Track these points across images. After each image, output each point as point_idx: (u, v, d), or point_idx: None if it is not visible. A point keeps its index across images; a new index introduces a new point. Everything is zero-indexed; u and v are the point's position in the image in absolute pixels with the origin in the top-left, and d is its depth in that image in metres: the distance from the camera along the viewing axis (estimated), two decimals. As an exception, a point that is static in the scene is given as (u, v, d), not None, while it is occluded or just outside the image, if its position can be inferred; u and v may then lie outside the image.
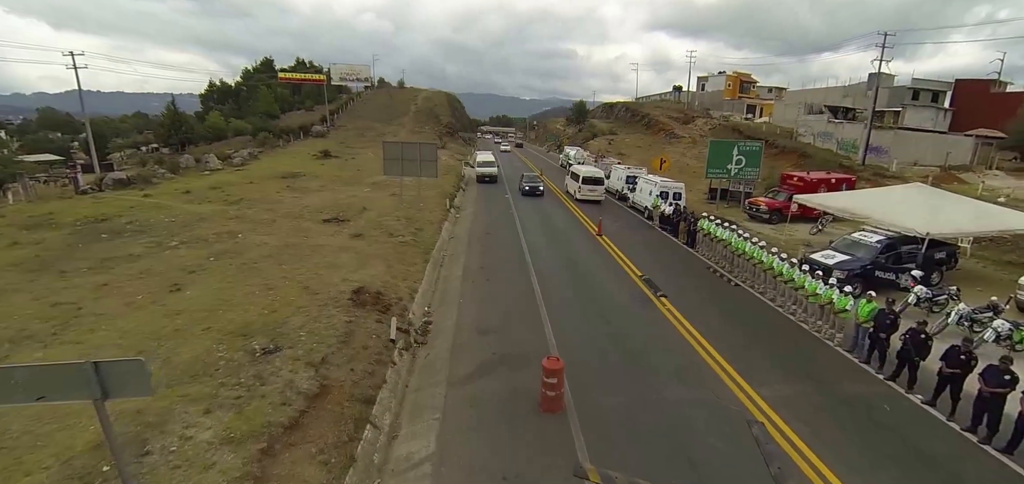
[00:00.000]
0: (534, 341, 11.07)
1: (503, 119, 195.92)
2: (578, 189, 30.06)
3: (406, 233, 18.94)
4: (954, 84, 51.07)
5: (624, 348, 10.99)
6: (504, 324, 11.94)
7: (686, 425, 8.33)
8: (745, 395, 9.31)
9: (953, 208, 16.17)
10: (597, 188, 29.86)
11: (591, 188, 29.69)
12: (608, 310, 13.15)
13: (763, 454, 7.78)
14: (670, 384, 9.55)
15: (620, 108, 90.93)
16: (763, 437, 8.21)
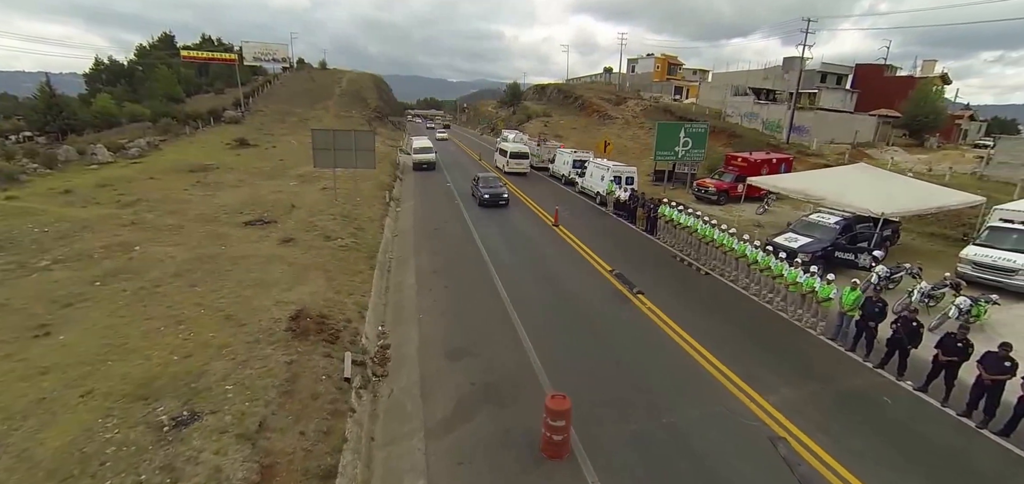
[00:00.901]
0: (515, 362, 9.57)
1: (431, 102, 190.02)
2: (507, 163, 33.72)
3: (345, 234, 16.52)
4: (855, 68, 55.64)
5: (616, 360, 9.77)
6: (475, 342, 10.30)
7: (708, 450, 7.28)
8: (755, 404, 8.45)
9: (894, 187, 16.70)
10: (523, 162, 33.95)
11: (517, 162, 33.65)
12: (588, 314, 11.92)
13: (798, 478, 6.94)
14: (677, 401, 8.47)
15: (552, 90, 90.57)
16: (792, 457, 7.37)
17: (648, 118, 63.06)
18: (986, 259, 13.87)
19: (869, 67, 54.43)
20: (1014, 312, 12.31)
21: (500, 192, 23.15)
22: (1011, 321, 11.85)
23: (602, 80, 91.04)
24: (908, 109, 42.48)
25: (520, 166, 33.43)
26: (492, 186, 23.68)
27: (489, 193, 22.99)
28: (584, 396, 8.32)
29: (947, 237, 18.33)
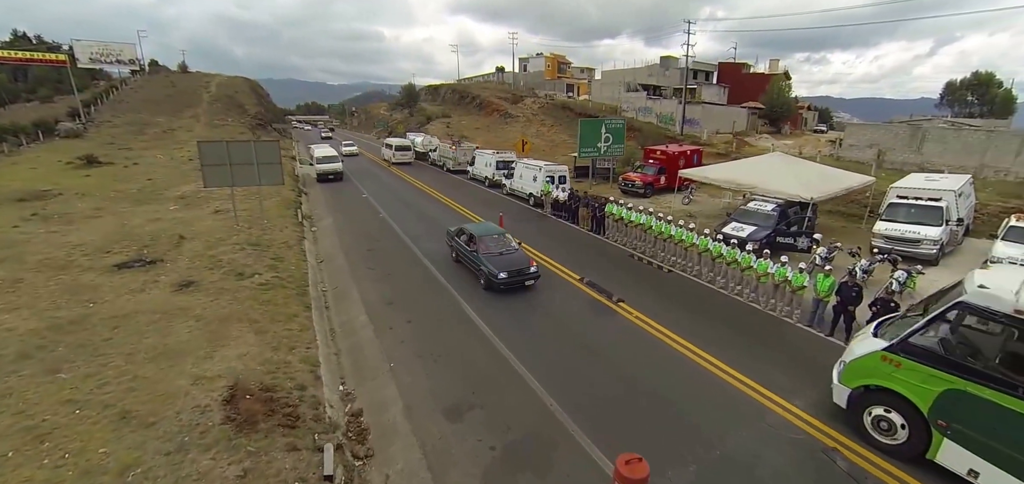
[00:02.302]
0: (530, 408, 7.92)
1: (313, 106, 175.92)
2: (393, 155, 39.18)
3: (261, 268, 13.30)
4: (718, 66, 62.06)
5: (632, 384, 8.60)
6: (472, 389, 8.42)
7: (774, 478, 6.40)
8: (787, 411, 7.86)
9: (808, 173, 17.99)
10: (406, 153, 39.66)
11: (402, 154, 39.38)
12: (579, 332, 10.59)
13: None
14: (717, 424, 7.53)
15: (446, 90, 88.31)
16: (854, 470, 6.81)
17: (548, 115, 64.38)
18: (896, 232, 15.30)
19: (730, 65, 61.07)
20: (929, 278, 13.59)
21: (524, 265, 12.58)
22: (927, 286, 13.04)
23: (495, 79, 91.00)
24: (767, 101, 48.21)
25: (404, 157, 39.27)
26: (508, 253, 13.01)
27: (507, 270, 12.22)
28: (614, 430, 7.00)
29: (846, 214, 20.37)
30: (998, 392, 5.91)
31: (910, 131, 31.01)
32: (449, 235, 15.20)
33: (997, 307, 6.18)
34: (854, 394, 7.42)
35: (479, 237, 13.49)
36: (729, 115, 44.14)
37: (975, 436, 6.16)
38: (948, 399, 6.35)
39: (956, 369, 6.30)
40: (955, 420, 6.32)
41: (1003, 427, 5.88)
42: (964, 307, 6.51)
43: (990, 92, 46.19)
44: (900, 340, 6.92)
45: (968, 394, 6.16)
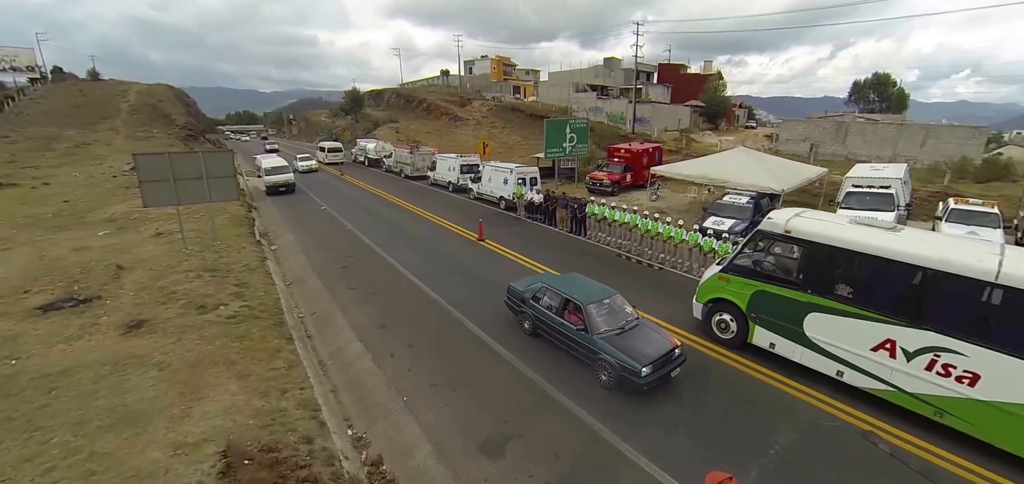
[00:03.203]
0: (573, 430, 7.11)
1: (245, 115, 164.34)
2: (325, 157, 41.62)
3: (225, 297, 11.50)
4: (658, 67, 64.25)
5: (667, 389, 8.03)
6: (502, 418, 7.45)
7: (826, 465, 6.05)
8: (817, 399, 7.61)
9: (772, 166, 18.54)
10: (337, 154, 42.47)
11: (333, 154, 42.18)
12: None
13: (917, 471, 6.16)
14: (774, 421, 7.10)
15: (390, 95, 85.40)
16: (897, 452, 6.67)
17: (498, 117, 63.68)
18: (856, 219, 15.99)
19: (668, 66, 63.42)
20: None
21: (668, 347, 8.28)
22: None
23: (440, 83, 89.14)
24: (706, 100, 50.43)
25: (336, 157, 42.08)
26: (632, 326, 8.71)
27: (650, 361, 7.80)
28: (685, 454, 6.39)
29: (803, 204, 21.21)
30: (780, 287, 8.73)
31: (836, 126, 33.41)
32: (515, 296, 10.23)
33: (776, 230, 8.85)
34: (705, 308, 10.05)
35: (587, 306, 8.56)
36: (675, 113, 45.67)
37: (770, 319, 8.87)
38: (756, 298, 9.07)
39: (759, 277, 9.13)
40: (760, 311, 9.03)
41: (783, 310, 8.64)
42: (759, 233, 9.26)
43: (888, 90, 51.09)
44: (728, 263, 9.76)
45: (766, 292, 8.91)
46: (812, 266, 8.40)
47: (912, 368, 7.19)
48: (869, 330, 7.59)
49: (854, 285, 7.93)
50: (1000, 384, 6.42)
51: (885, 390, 7.52)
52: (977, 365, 6.61)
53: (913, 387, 7.23)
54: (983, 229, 14.29)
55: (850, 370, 7.89)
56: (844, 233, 8.15)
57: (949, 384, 6.86)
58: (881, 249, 7.55)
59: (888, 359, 7.43)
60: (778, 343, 8.78)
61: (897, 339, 7.30)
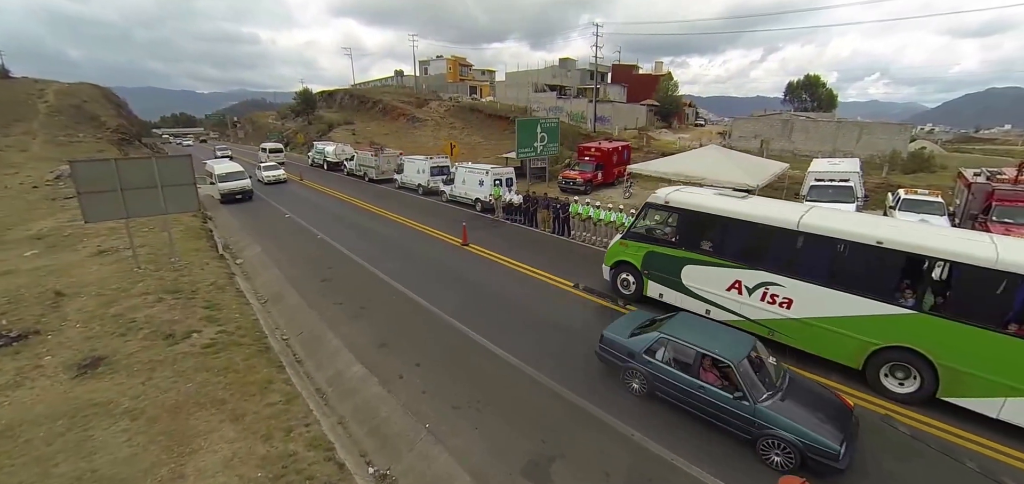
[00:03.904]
0: (615, 444, 6.62)
1: (182, 117, 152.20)
2: (267, 157, 40.60)
3: (195, 322, 10.08)
4: (612, 67, 65.39)
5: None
6: (539, 437, 6.82)
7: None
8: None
9: (743, 163, 18.97)
10: (278, 154, 43.79)
11: (275, 155, 42.67)
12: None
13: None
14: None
15: (342, 96, 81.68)
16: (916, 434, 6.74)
17: (457, 117, 62.37)
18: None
19: (621, 67, 64.71)
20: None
21: (846, 413, 6.71)
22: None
23: (395, 83, 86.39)
24: (659, 99, 51.82)
25: (277, 158, 41.59)
26: (791, 387, 6.96)
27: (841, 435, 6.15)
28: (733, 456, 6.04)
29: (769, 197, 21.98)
30: (664, 247, 10.72)
31: (781, 123, 35.22)
32: (616, 348, 8.02)
33: (659, 201, 10.81)
34: (611, 270, 11.97)
35: (739, 364, 6.66)
36: (632, 112, 46.54)
37: (658, 274, 10.88)
38: (647, 257, 11.05)
39: (649, 241, 11.09)
40: (651, 268, 11.02)
41: (667, 265, 10.63)
42: (648, 205, 11.18)
43: (818, 91, 54.83)
44: (627, 231, 11.74)
45: (655, 252, 10.89)
46: (685, 229, 10.51)
47: (752, 300, 9.32)
48: (724, 275, 9.68)
49: (713, 241, 9.99)
50: (805, 305, 8.61)
51: (737, 320, 9.49)
52: (791, 293, 8.75)
53: (754, 315, 9.33)
54: (931, 216, 15.27)
55: (714, 307, 9.93)
56: (706, 201, 10.32)
57: (775, 309, 9.01)
58: (730, 212, 9.67)
59: (737, 296, 9.53)
60: (665, 293, 10.84)
61: (742, 279, 9.41)
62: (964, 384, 7.18)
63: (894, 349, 7.70)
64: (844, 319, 8.15)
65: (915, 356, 7.52)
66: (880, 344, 7.82)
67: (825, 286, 8.30)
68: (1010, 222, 13.42)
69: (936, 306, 7.51)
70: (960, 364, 7.13)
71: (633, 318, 8.79)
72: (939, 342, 7.30)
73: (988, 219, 13.91)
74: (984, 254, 6.96)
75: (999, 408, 6.90)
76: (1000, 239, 7.70)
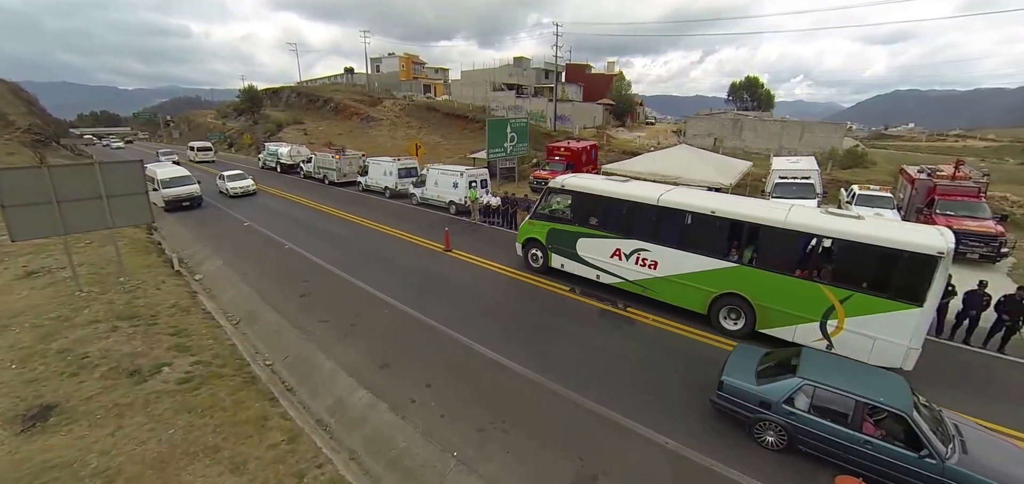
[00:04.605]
0: (654, 455, 6.33)
1: (104, 116, 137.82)
2: (195, 155, 43.44)
3: (163, 353, 8.79)
4: (566, 66, 65.89)
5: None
6: (576, 454, 6.42)
7: None
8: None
9: (713, 162, 19.53)
10: (207, 153, 45.31)
11: (203, 153, 44.78)
12: (622, 352, 9.23)
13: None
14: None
15: (289, 94, 77.06)
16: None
17: (413, 116, 60.47)
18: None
19: (575, 66, 65.43)
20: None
21: None
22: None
23: (345, 81, 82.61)
24: (614, 98, 52.85)
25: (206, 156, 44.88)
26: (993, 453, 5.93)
27: None
28: None
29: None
30: (563, 224, 12.44)
31: (732, 122, 36.92)
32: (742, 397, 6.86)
33: (557, 186, 12.67)
34: (523, 247, 13.65)
35: (912, 416, 5.81)
36: (590, 111, 47.11)
37: (560, 247, 12.62)
38: (551, 234, 12.77)
39: (552, 219, 12.78)
40: (554, 242, 12.74)
41: (566, 239, 12.40)
42: (548, 190, 12.95)
43: (757, 91, 58.24)
44: (533, 212, 13.40)
45: (556, 229, 12.61)
46: (578, 208, 12.28)
47: (629, 264, 11.25)
48: (608, 245, 11.55)
49: (599, 218, 11.80)
50: (666, 265, 10.63)
51: (618, 282, 11.58)
52: (656, 256, 10.76)
53: (631, 276, 11.31)
54: (883, 210, 16.35)
55: (602, 273, 11.85)
56: (593, 184, 12.30)
57: (645, 271, 11.00)
58: (611, 192, 11.65)
59: (618, 261, 11.44)
60: (565, 263, 12.66)
61: (621, 248, 11.33)
62: (771, 318, 9.41)
63: (727, 295, 9.87)
64: (694, 274, 10.28)
65: (740, 299, 9.70)
66: (717, 292, 9.99)
67: (680, 249, 10.39)
68: (951, 214, 14.59)
69: (751, 260, 9.65)
70: (767, 303, 9.38)
71: (745, 356, 7.59)
72: (754, 287, 9.51)
73: (932, 212, 15.06)
74: (778, 217, 9.28)
75: (793, 334, 9.18)
76: (790, 205, 10.25)
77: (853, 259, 8.58)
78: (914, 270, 7.94)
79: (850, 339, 8.60)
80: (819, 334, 8.89)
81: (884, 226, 8.95)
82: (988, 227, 13.71)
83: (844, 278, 8.64)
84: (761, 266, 9.43)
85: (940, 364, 8.96)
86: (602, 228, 11.65)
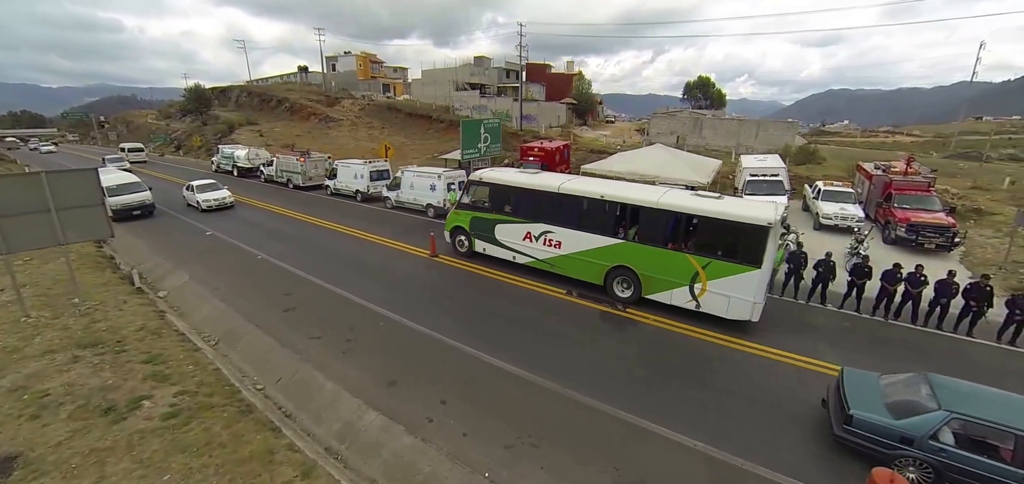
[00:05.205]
0: (687, 460, 6.22)
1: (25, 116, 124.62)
2: (127, 156, 40.28)
3: (138, 383, 7.82)
4: (526, 65, 65.93)
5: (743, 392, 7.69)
6: (612, 464, 6.22)
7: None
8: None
9: (687, 160, 19.98)
10: (139, 154, 43.44)
11: (135, 154, 42.49)
12: (634, 354, 9.15)
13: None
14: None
15: (240, 93, 72.58)
16: None
17: (374, 117, 58.46)
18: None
19: (535, 65, 65.56)
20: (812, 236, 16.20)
21: None
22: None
23: (299, 80, 78.79)
24: (576, 97, 53.40)
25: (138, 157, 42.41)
26: None
27: None
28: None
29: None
30: (483, 212, 13.86)
31: (693, 121, 38.20)
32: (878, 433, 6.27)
33: (476, 178, 14.24)
34: (450, 234, 14.98)
35: None
36: (554, 111, 47.34)
37: (481, 233, 14.00)
38: (473, 221, 14.15)
39: (474, 209, 14.20)
40: (476, 230, 14.14)
41: (486, 226, 13.78)
42: (470, 182, 14.54)
43: (710, 91, 60.69)
44: (457, 203, 14.91)
45: (478, 217, 14.01)
46: (495, 198, 13.69)
47: (539, 245, 12.73)
48: (521, 229, 13.01)
49: (513, 206, 13.22)
50: (569, 244, 12.13)
51: (531, 261, 13.01)
52: (560, 237, 12.26)
53: (540, 255, 12.77)
54: (846, 204, 17.32)
55: (517, 254, 13.29)
56: (506, 177, 13.92)
57: (552, 250, 12.49)
58: (521, 183, 13.09)
59: (529, 243, 12.89)
60: (487, 247, 13.96)
61: (531, 231, 12.79)
62: (652, 285, 11.00)
63: (618, 268, 11.39)
64: (591, 250, 11.78)
65: (628, 271, 11.23)
66: (610, 265, 11.51)
67: (579, 229, 11.90)
68: (908, 207, 15.64)
69: (635, 236, 11.26)
70: (649, 272, 10.95)
71: (862, 385, 6.88)
72: (638, 259, 11.06)
73: (891, 206, 16.08)
74: (652, 199, 10.96)
75: (670, 297, 10.77)
76: (663, 189, 12.17)
77: (710, 232, 10.25)
78: (752, 239, 9.61)
79: (711, 299, 10.24)
80: (689, 296, 10.49)
81: (732, 204, 10.68)
82: (941, 219, 14.79)
83: (704, 248, 10.28)
84: (642, 241, 11.09)
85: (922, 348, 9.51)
86: (515, 214, 13.12)
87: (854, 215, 16.66)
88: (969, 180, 25.95)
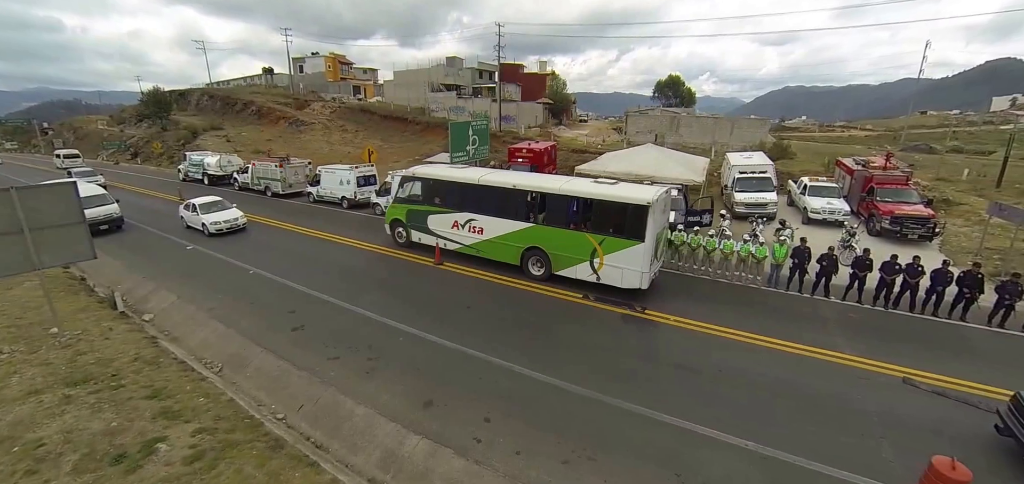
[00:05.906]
0: (747, 459, 6.11)
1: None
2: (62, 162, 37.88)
3: (149, 423, 7.02)
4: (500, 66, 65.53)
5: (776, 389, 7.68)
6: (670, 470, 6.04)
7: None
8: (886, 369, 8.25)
9: (680, 159, 20.20)
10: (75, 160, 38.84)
11: (71, 161, 38.15)
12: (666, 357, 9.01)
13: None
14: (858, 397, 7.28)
15: (200, 96, 68.73)
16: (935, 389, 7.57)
17: (347, 120, 56.55)
18: (751, 199, 18.46)
19: (509, 66, 65.24)
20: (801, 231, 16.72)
21: None
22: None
23: (264, 82, 75.39)
24: (552, 97, 53.48)
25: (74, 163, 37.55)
26: None
27: None
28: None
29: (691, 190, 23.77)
30: (417, 205, 14.89)
31: (670, 119, 38.93)
32: None
33: (408, 174, 15.51)
34: (390, 227, 16.06)
35: None
36: (532, 111, 47.21)
37: (416, 224, 15.06)
38: (409, 214, 15.18)
39: (409, 202, 15.15)
40: (412, 221, 15.19)
41: (420, 217, 14.89)
42: (404, 177, 15.55)
43: (680, 89, 62.22)
44: (395, 197, 15.84)
45: (413, 209, 15.05)
46: (427, 191, 14.72)
47: (464, 232, 13.94)
48: (449, 218, 14.19)
49: (441, 197, 14.44)
50: (490, 230, 13.42)
51: (459, 247, 14.17)
52: (482, 224, 13.55)
53: (467, 241, 13.96)
54: (833, 199, 17.93)
55: (447, 241, 14.40)
56: (435, 172, 15.22)
57: (476, 236, 13.74)
58: (448, 176, 14.59)
59: (457, 231, 14.08)
60: (422, 237, 15.02)
61: (458, 219, 13.98)
62: (561, 262, 12.32)
63: (530, 248, 12.76)
64: (508, 234, 13.10)
65: (539, 251, 12.60)
66: (524, 246, 12.88)
67: (497, 216, 13.20)
68: (890, 201, 16.32)
69: (544, 220, 12.67)
70: (556, 251, 12.28)
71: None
72: (547, 240, 12.44)
73: (873, 200, 16.74)
74: (556, 186, 12.61)
75: (575, 272, 12.12)
76: (565, 178, 14.33)
77: (603, 213, 11.73)
78: (636, 217, 11.05)
79: (609, 271, 11.63)
80: (590, 270, 11.86)
81: (619, 188, 12.04)
82: (921, 211, 15.52)
83: (599, 227, 11.70)
84: (549, 224, 12.53)
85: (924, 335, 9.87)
86: (444, 205, 14.32)
87: (841, 210, 17.28)
88: (931, 172, 27.55)
